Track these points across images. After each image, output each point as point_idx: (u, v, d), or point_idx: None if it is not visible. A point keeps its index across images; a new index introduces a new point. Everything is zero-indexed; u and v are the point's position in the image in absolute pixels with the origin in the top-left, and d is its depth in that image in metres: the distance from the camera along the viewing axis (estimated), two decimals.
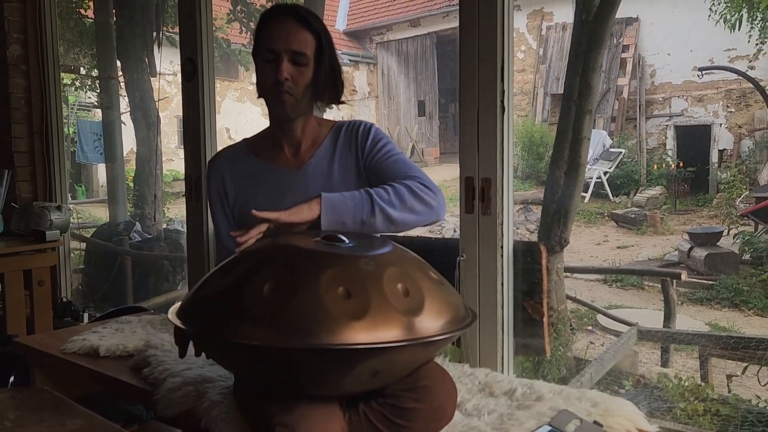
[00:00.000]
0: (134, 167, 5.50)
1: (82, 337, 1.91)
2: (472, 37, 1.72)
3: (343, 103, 1.47)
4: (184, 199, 2.52)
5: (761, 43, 8.37)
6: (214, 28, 2.45)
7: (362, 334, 0.99)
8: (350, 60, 13.44)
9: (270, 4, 6.28)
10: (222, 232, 1.52)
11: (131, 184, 5.61)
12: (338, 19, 14.09)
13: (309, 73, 1.34)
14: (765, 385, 3.21)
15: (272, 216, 1.25)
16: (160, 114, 5.41)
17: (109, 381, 1.70)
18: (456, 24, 1.77)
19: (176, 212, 6.19)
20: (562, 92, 3.85)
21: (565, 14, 10.77)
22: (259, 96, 1.41)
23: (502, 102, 1.71)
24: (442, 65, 13.53)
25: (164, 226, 5.26)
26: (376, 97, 14.15)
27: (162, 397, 1.49)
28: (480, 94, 1.73)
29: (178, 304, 1.21)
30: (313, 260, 1.09)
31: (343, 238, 1.17)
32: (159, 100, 5.17)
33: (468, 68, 1.74)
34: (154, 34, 5.00)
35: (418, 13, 13.28)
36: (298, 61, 1.32)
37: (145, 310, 2.42)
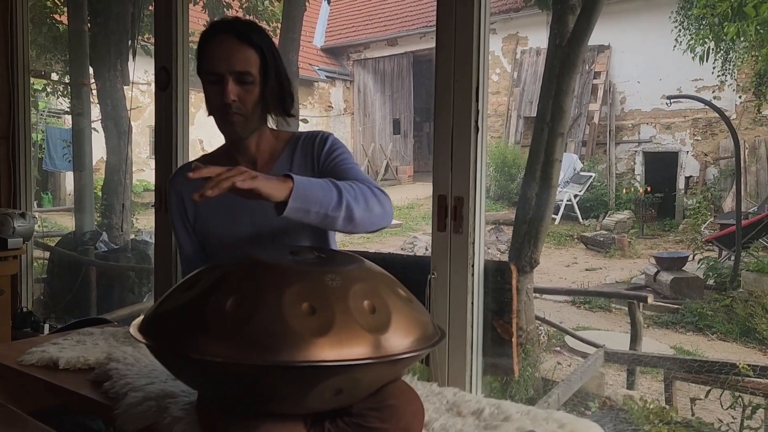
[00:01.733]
0: (104, 176, 5.40)
1: (41, 349, 1.85)
2: (448, 58, 1.74)
3: (292, 116, 1.44)
4: (153, 210, 2.48)
5: (723, 74, 8.64)
6: (189, 39, 2.43)
7: (326, 352, 0.98)
8: (327, 76, 13.48)
9: (251, 19, 6.28)
10: (185, 249, 1.51)
11: (100, 194, 5.51)
12: (316, 36, 14.15)
13: (256, 90, 1.32)
14: (727, 408, 3.26)
15: (247, 183, 1.14)
16: (133, 123, 5.34)
17: (68, 394, 1.64)
18: (433, 44, 1.79)
19: (145, 223, 6.08)
20: (535, 115, 3.91)
21: (540, 39, 10.98)
22: (209, 115, 1.39)
23: (477, 122, 1.72)
24: (418, 84, 13.66)
25: (132, 236, 5.17)
26: (351, 113, 14.19)
27: (122, 412, 1.45)
28: (455, 114, 1.74)
29: (140, 318, 1.18)
30: (277, 275, 1.08)
31: (312, 252, 1.16)
32: (131, 109, 5.11)
33: (443, 88, 1.75)
34: (129, 42, 4.95)
35: (395, 32, 13.41)
36: (243, 80, 1.30)
37: (109, 322, 2.36)
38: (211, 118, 1.40)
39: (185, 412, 1.38)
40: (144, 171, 9.60)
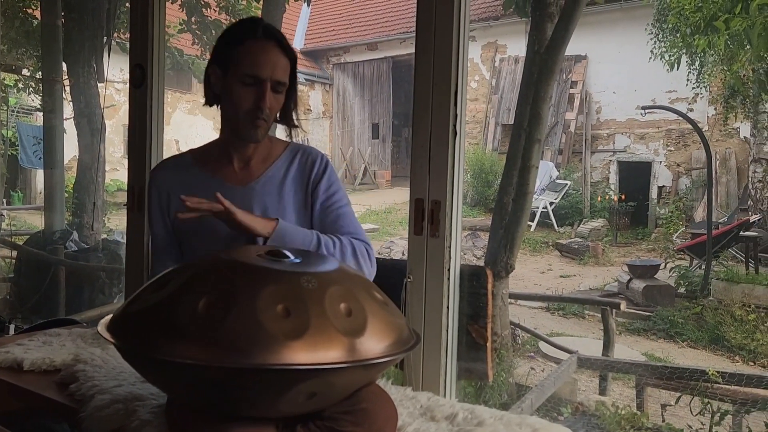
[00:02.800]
0: (75, 174, 5.31)
1: (5, 350, 1.80)
2: (427, 63, 1.74)
3: (297, 126, 1.45)
4: (126, 210, 2.44)
5: (697, 86, 8.82)
6: (166, 36, 2.40)
7: (300, 354, 0.96)
8: (306, 79, 13.44)
9: (228, 19, 6.23)
10: (159, 243, 1.47)
11: (72, 192, 5.41)
12: (296, 38, 14.11)
13: (282, 99, 1.34)
14: (696, 415, 3.31)
15: (227, 204, 1.23)
16: (107, 122, 5.26)
17: (33, 397, 1.60)
18: (412, 50, 1.79)
19: (117, 223, 5.99)
20: (512, 123, 3.94)
21: (518, 48, 11.10)
22: (210, 104, 1.39)
23: (455, 126, 1.72)
24: (398, 89, 13.70)
25: (104, 236, 5.08)
26: (330, 117, 14.17)
27: (88, 415, 1.41)
28: (433, 118, 1.73)
29: (109, 317, 1.15)
30: (252, 276, 1.06)
31: (288, 253, 1.14)
32: (106, 107, 5.03)
33: (422, 92, 1.75)
34: (104, 39, 4.87)
35: (375, 37, 13.43)
36: (277, 89, 1.31)
37: (78, 323, 2.31)
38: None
39: (154, 416, 1.35)
40: (118, 170, 9.47)
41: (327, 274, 1.12)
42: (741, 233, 7.46)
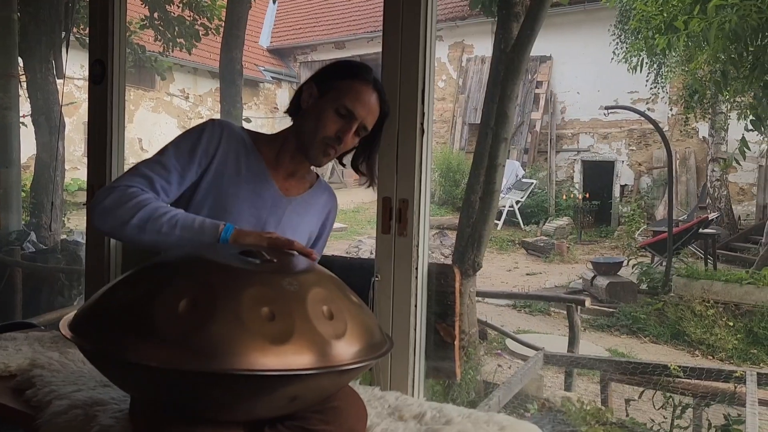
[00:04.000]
0: (33, 173, 5.15)
1: None
2: (394, 61, 1.73)
3: (364, 175, 1.49)
4: (86, 210, 2.37)
5: (655, 87, 9.02)
6: (128, 32, 2.33)
7: (284, 359, 0.94)
8: (273, 77, 13.33)
9: (191, 15, 6.13)
10: (151, 169, 1.30)
11: (29, 191, 5.24)
12: (262, 36, 13.97)
13: (357, 142, 1.41)
14: (659, 408, 3.38)
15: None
16: (67, 119, 5.11)
17: None
18: (380, 49, 1.78)
19: (77, 223, 5.83)
20: (479, 122, 3.96)
21: (485, 48, 11.19)
22: (291, 114, 1.44)
23: (422, 124, 1.72)
24: None
25: (63, 237, 4.94)
26: None
27: (45, 422, 1.36)
28: (400, 116, 1.73)
29: (71, 315, 1.10)
30: (231, 277, 1.03)
31: (263, 253, 1.11)
32: (64, 104, 4.89)
33: (389, 90, 1.73)
34: (63, 33, 4.73)
35: (343, 36, 13.39)
36: (359, 132, 1.38)
37: (35, 326, 2.23)
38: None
39: (115, 420, 1.31)
40: (78, 169, 9.24)
41: (306, 275, 1.10)
42: (700, 230, 7.66)
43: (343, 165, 1.52)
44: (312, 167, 1.49)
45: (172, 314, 0.95)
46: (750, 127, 5.12)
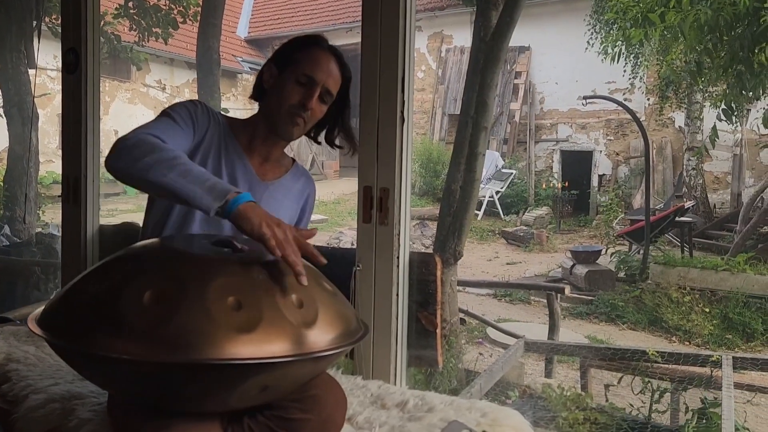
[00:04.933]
0: (6, 165, 5.04)
1: None
2: (373, 50, 1.72)
3: (339, 147, 1.51)
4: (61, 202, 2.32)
5: (633, 77, 9.11)
6: (102, 22, 2.28)
7: (252, 348, 0.93)
8: (251, 68, 13.19)
9: (167, 4, 6.03)
10: (166, 124, 1.29)
11: (1, 184, 5.13)
12: (240, 26, 13.81)
13: (324, 110, 1.41)
14: (638, 393, 3.43)
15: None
16: (41, 111, 5.01)
17: None
18: (359, 39, 1.77)
19: (53, 216, 5.73)
20: (459, 112, 3.96)
21: (464, 38, 11.20)
22: (255, 98, 1.44)
23: (402, 113, 1.71)
24: None
25: (38, 230, 4.85)
26: None
27: (22, 416, 1.35)
28: (380, 105, 1.72)
29: (39, 310, 1.08)
30: (200, 267, 1.02)
31: (235, 243, 1.10)
32: (38, 96, 4.79)
33: (369, 79, 1.73)
34: (34, 23, 4.62)
35: (321, 26, 13.27)
36: (323, 98, 1.38)
37: (10, 320, 2.20)
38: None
39: (94, 414, 1.30)
40: (53, 162, 9.08)
41: (276, 264, 1.09)
42: (677, 219, 7.77)
43: (318, 142, 1.50)
44: (287, 152, 1.48)
45: (138, 306, 0.95)
46: (722, 116, 5.19)
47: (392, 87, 1.71)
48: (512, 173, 10.77)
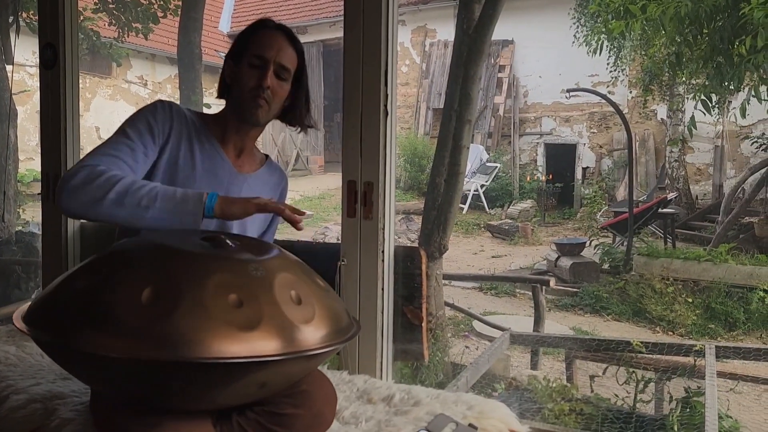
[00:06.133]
0: None
1: None
2: (356, 44, 1.71)
3: (311, 127, 1.50)
4: (42, 199, 2.28)
5: (615, 70, 9.17)
6: (81, 18, 2.25)
7: (251, 346, 0.92)
8: None
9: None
10: (115, 147, 1.27)
11: None
12: (222, 21, 13.69)
13: (286, 88, 1.40)
14: (622, 384, 3.47)
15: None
16: (20, 108, 4.93)
17: None
18: (342, 33, 1.76)
19: (33, 214, 5.66)
20: (443, 106, 3.95)
21: (448, 32, 11.19)
22: (221, 96, 1.43)
23: (386, 106, 1.70)
24: (329, 74, 13.54)
25: (18, 228, 4.78)
26: None
27: (3, 417, 1.33)
28: (364, 98, 1.71)
29: (25, 307, 1.06)
30: (194, 264, 1.00)
31: (227, 240, 1.09)
32: (17, 93, 4.71)
33: (352, 72, 1.72)
34: (11, 18, 4.54)
35: (304, 20, 13.20)
36: (281, 75, 1.37)
37: None
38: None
39: (76, 413, 1.28)
40: (33, 159, 8.96)
41: (271, 260, 1.08)
42: (659, 210, 7.85)
43: (295, 125, 1.49)
44: (272, 148, 1.48)
45: (134, 303, 0.93)
46: (700, 107, 5.24)
47: (375, 80, 1.70)
48: (497, 167, 10.80)
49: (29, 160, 8.77)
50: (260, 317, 0.95)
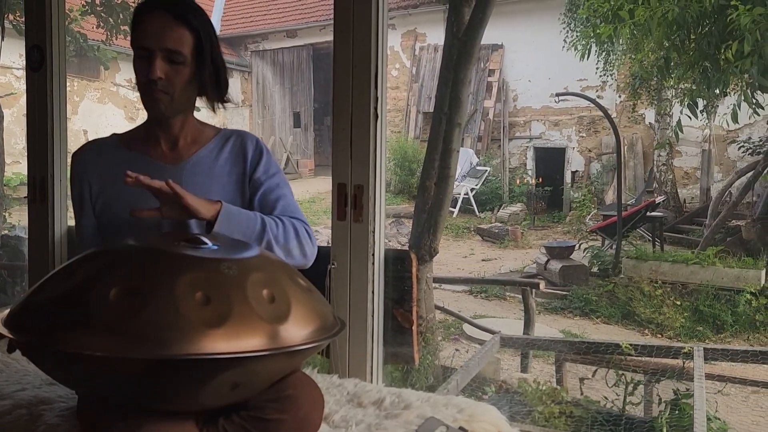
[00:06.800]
0: None
1: None
2: (346, 47, 1.71)
3: (228, 101, 1.41)
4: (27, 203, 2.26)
5: (604, 75, 9.24)
6: (68, 20, 2.23)
7: (221, 343, 0.92)
8: None
9: (135, 1, 5.93)
10: (87, 234, 1.37)
11: None
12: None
13: (187, 71, 1.28)
14: (612, 386, 3.48)
15: (177, 189, 1.17)
16: (7, 111, 4.89)
17: None
18: (332, 37, 1.75)
19: (19, 218, 5.61)
20: (433, 110, 3.97)
21: (437, 36, 11.22)
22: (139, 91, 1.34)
23: (376, 109, 1.70)
24: (319, 77, 13.55)
25: (5, 232, 4.73)
26: (250, 105, 13.85)
27: None
28: (353, 101, 1.71)
29: (7, 311, 1.06)
30: (168, 263, 1.00)
31: (206, 240, 1.09)
32: (3, 95, 4.66)
33: (342, 75, 1.72)
34: None
35: (294, 24, 13.21)
36: (173, 59, 1.26)
37: None
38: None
39: (62, 419, 1.27)
40: (20, 163, 8.87)
41: (248, 260, 1.08)
42: (648, 214, 7.90)
43: (224, 101, 1.39)
44: (175, 126, 1.36)
45: (105, 302, 0.93)
46: (687, 111, 5.29)
47: (365, 83, 1.70)
48: (487, 170, 10.84)
49: (16, 164, 8.70)
50: (228, 315, 0.94)
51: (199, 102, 1.41)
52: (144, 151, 1.37)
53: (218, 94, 1.37)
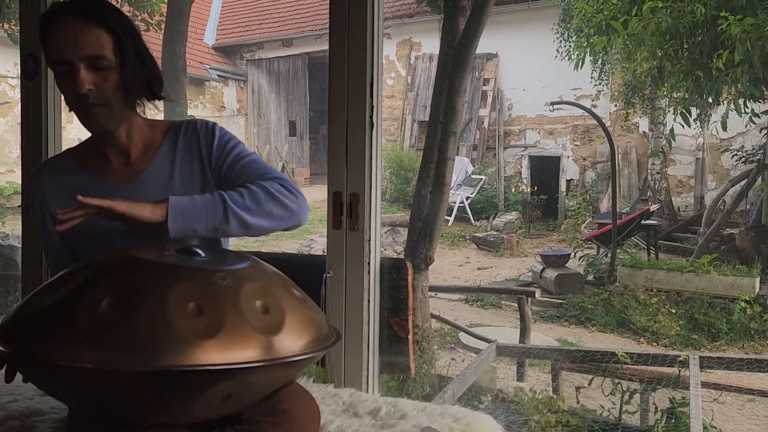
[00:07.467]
0: None
1: None
2: (342, 56, 1.71)
3: (162, 98, 1.31)
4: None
5: (599, 84, 9.30)
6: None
7: (213, 354, 0.91)
8: (219, 75, 13.07)
9: (131, 11, 5.93)
10: (55, 258, 1.36)
11: None
12: (207, 33, 13.69)
13: (114, 75, 1.18)
14: (608, 395, 3.47)
15: (104, 204, 1.12)
16: (1, 120, 4.87)
17: None
18: (328, 46, 1.76)
19: (13, 227, 5.58)
20: (428, 118, 3.98)
21: (433, 45, 11.26)
22: (70, 110, 1.22)
23: (371, 117, 1.70)
24: (314, 86, 13.58)
25: None
26: (245, 114, 13.86)
27: None
28: (349, 110, 1.71)
29: None
30: (160, 273, 0.99)
31: (199, 251, 1.08)
32: None
33: (337, 83, 1.72)
34: None
35: (290, 33, 13.25)
36: (97, 65, 1.15)
37: None
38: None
39: (54, 430, 1.26)
40: (14, 172, 8.86)
41: (241, 270, 1.07)
42: (642, 222, 7.92)
43: (162, 98, 1.31)
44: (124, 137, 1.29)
45: (95, 313, 0.92)
46: (680, 120, 5.32)
47: (361, 92, 1.70)
48: (482, 179, 10.86)
49: (10, 173, 8.68)
50: (221, 325, 0.93)
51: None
52: (99, 171, 1.30)
53: (149, 92, 1.27)
